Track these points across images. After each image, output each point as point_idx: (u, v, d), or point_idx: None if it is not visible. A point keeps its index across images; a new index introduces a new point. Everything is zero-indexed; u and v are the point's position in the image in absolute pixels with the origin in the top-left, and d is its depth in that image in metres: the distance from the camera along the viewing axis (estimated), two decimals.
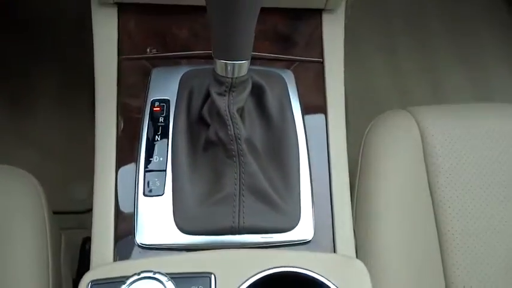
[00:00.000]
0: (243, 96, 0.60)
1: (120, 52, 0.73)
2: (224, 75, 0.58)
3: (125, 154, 0.68)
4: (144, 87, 0.71)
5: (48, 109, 1.38)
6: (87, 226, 0.66)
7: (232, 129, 0.59)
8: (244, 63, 0.57)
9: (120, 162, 0.67)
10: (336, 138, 0.71)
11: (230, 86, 0.59)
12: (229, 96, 0.59)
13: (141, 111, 0.68)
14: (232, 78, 0.58)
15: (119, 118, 0.70)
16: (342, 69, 0.78)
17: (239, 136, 0.59)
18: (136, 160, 0.65)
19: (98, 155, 0.68)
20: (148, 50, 0.74)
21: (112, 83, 0.71)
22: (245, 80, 0.60)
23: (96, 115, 0.71)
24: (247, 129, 0.62)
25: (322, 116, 0.73)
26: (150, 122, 0.67)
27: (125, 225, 0.64)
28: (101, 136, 0.69)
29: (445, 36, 1.59)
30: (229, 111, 0.59)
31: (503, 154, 0.84)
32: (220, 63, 0.57)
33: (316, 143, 0.71)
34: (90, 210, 0.66)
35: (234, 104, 0.59)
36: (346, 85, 0.77)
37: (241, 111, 0.62)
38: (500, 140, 0.85)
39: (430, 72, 1.53)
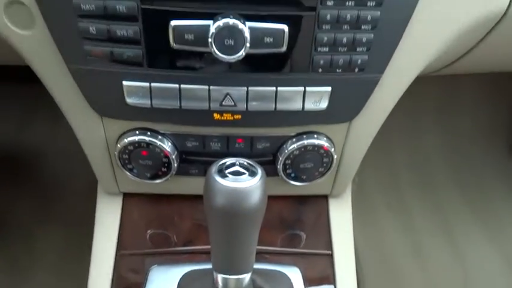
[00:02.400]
0: None
1: (119, 246, 0.70)
2: None
3: None
4: (140, 285, 0.66)
5: (47, 273, 1.32)
6: None
7: None
8: (246, 276, 0.53)
9: None
10: None
11: None
12: None
13: None
14: None
15: None
16: (353, 260, 0.73)
17: None
18: None
19: None
20: (148, 241, 0.72)
21: (106, 281, 0.66)
22: None
23: None
24: None
25: None
26: None
27: None
28: None
29: (452, 186, 1.57)
30: None
31: None
32: (220, 277, 0.53)
33: None
34: None
35: None
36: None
37: None
38: None
39: (440, 221, 1.48)
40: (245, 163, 0.49)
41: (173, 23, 0.52)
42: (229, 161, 0.49)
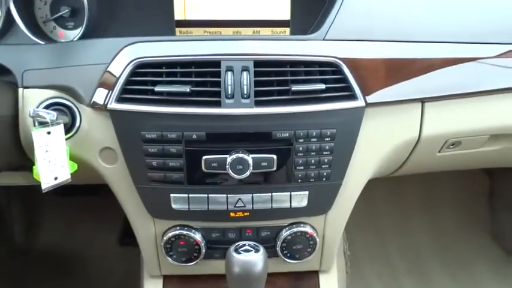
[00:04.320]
0: None
1: None
2: None
3: None
4: None
5: None
6: None
7: None
8: None
9: None
10: None
11: None
12: None
13: None
14: None
15: None
16: None
17: None
18: None
19: None
20: None
21: None
22: None
23: None
24: None
25: None
26: None
27: None
28: None
29: (438, 261, 1.72)
30: None
31: None
32: None
33: None
34: None
35: None
36: None
37: None
38: None
39: None
40: (252, 244, 0.77)
41: (204, 157, 0.83)
42: (241, 243, 0.77)
